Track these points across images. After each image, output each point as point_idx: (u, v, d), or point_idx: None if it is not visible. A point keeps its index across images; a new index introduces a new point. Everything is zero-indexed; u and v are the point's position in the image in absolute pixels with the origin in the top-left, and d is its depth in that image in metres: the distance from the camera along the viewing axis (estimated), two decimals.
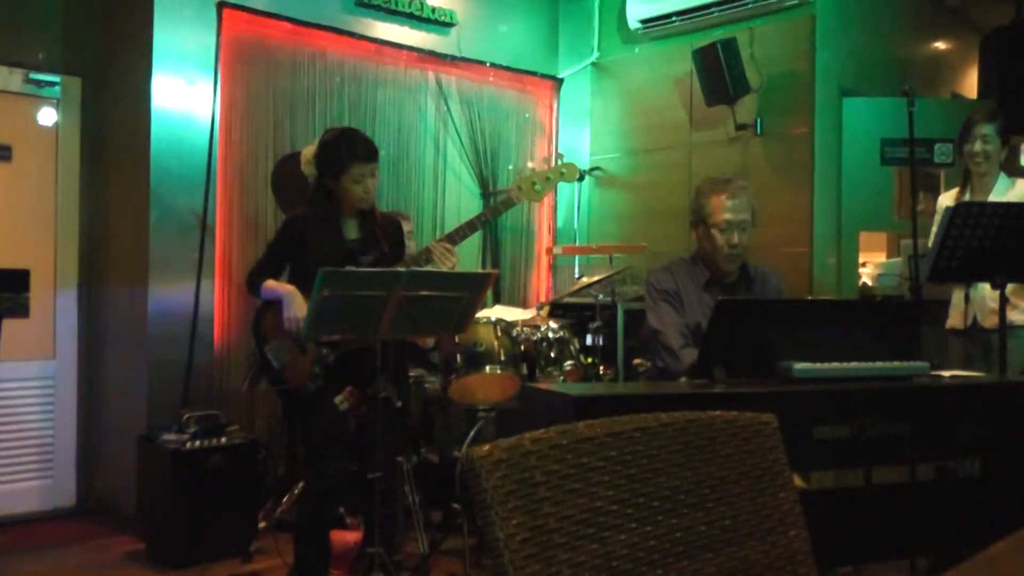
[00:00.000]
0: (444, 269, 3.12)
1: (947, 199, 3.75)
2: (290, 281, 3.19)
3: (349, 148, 3.14)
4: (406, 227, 3.90)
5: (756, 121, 4.98)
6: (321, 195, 3.20)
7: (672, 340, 2.88)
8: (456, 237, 3.24)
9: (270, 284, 3.18)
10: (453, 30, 5.34)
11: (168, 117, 4.25)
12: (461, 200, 5.43)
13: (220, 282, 4.42)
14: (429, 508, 3.96)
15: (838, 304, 2.88)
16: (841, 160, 4.90)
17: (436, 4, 5.25)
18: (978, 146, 3.58)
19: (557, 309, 4.75)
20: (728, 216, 2.95)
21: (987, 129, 3.57)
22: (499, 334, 3.74)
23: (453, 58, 5.31)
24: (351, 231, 3.23)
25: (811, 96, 4.80)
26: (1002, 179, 3.61)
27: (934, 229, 3.63)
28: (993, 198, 3.51)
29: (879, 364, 2.42)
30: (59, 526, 4.34)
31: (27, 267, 3.21)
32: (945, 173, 4.99)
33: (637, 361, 3.95)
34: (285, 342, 3.14)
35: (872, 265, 5.30)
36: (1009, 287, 3.08)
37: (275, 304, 3.14)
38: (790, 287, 3.57)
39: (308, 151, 3.26)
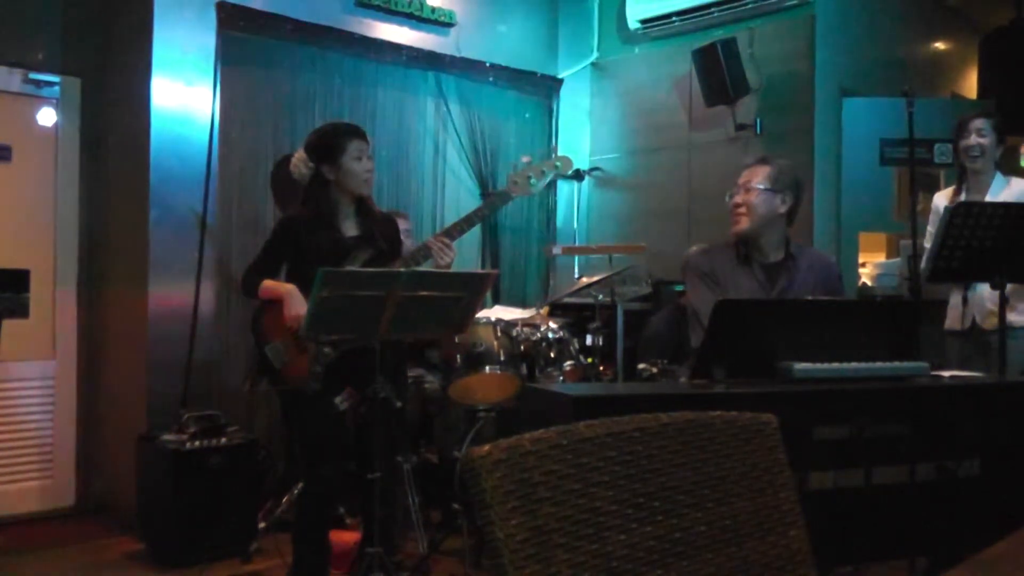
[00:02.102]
0: (442, 264, 3.13)
1: (942, 198, 3.74)
2: (288, 280, 3.18)
3: (344, 128, 3.24)
4: (404, 225, 3.90)
5: (756, 121, 4.99)
6: (319, 191, 3.20)
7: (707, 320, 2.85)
8: (454, 232, 3.24)
9: (268, 284, 3.17)
10: (453, 30, 5.34)
11: (168, 117, 4.25)
12: (461, 200, 5.43)
13: (220, 282, 4.42)
14: (429, 508, 3.96)
15: (838, 304, 2.87)
16: (841, 160, 4.90)
17: (436, 4, 5.24)
18: (973, 139, 3.56)
19: (557, 309, 4.75)
20: (738, 180, 3.00)
21: (982, 123, 3.56)
22: (499, 334, 3.74)
23: (453, 58, 5.31)
24: (349, 228, 3.23)
25: (811, 96, 4.80)
26: (998, 178, 3.60)
27: (930, 229, 3.63)
28: (989, 198, 3.50)
29: (879, 364, 2.41)
30: (58, 526, 4.33)
31: (27, 267, 3.21)
32: (945, 173, 4.99)
33: (642, 366, 3.93)
34: (285, 342, 3.14)
35: (872, 265, 5.30)
36: (1008, 287, 3.08)
37: (274, 304, 3.14)
38: None
39: (298, 154, 3.27)
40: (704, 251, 3.09)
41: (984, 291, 3.47)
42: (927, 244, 3.50)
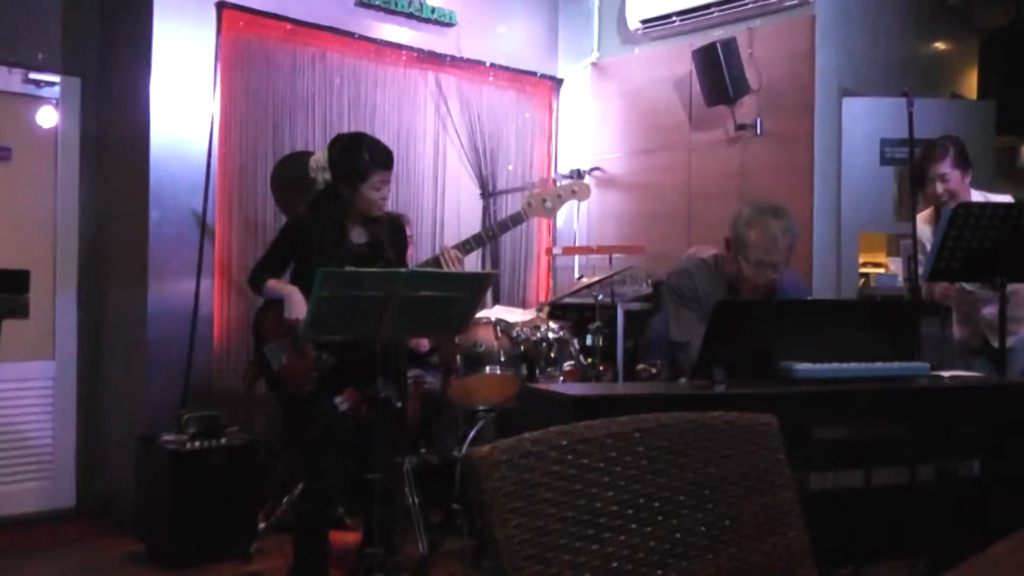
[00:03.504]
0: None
1: (925, 225, 3.68)
2: (293, 282, 3.18)
3: (372, 155, 3.12)
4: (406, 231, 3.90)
5: (756, 121, 4.98)
6: (330, 199, 3.19)
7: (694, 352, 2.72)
8: (463, 249, 3.25)
9: (272, 284, 3.18)
10: (453, 30, 5.34)
11: (168, 117, 4.25)
12: (461, 200, 5.43)
13: (220, 282, 4.42)
14: (429, 509, 3.95)
15: (838, 304, 2.88)
16: (841, 160, 4.89)
17: (436, 4, 5.24)
18: (939, 188, 3.51)
19: (557, 309, 4.74)
20: (761, 256, 2.84)
21: (942, 168, 3.50)
22: (499, 335, 3.74)
23: (453, 58, 5.31)
24: (357, 235, 3.23)
25: (811, 96, 4.80)
26: (975, 196, 3.58)
27: (920, 257, 3.57)
28: None
29: (879, 364, 2.41)
30: (59, 527, 4.33)
31: (27, 267, 3.20)
32: None
33: (641, 367, 3.93)
34: (284, 344, 3.14)
35: (872, 265, 5.30)
36: (1008, 289, 3.07)
37: (276, 304, 3.14)
38: None
39: (319, 157, 3.23)
40: (684, 271, 3.05)
41: (986, 309, 3.48)
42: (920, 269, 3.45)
